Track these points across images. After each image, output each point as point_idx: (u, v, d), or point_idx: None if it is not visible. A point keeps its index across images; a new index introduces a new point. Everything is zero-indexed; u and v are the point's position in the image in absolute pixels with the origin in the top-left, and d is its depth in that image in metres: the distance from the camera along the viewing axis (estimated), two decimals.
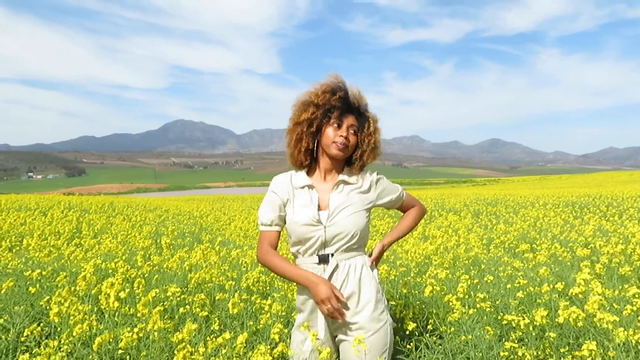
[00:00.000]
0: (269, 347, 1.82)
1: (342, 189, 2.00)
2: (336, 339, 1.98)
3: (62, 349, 1.99)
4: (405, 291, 3.29)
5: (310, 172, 2.09)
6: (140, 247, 4.92)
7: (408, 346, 2.47)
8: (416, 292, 3.49)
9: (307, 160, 2.06)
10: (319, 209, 1.99)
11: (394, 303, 2.80)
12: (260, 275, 3.74)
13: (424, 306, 3.15)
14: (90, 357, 1.99)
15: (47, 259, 3.66)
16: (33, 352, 2.03)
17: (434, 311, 2.92)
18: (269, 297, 3.39)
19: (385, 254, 2.63)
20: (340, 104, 1.95)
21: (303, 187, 2.02)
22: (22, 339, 2.26)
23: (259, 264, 2.96)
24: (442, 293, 3.13)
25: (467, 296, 3.01)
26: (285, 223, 2.05)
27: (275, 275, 3.98)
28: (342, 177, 2.00)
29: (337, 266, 1.93)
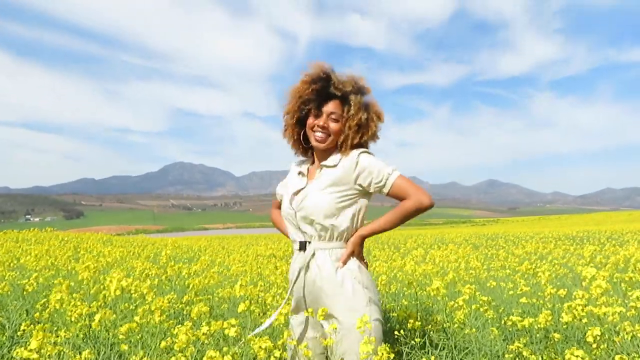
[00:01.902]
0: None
1: (322, 173, 1.96)
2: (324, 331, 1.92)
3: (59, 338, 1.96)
4: (412, 290, 3.25)
5: (312, 160, 2.13)
6: (139, 268, 4.87)
7: (412, 342, 2.42)
8: (421, 291, 3.44)
9: (300, 150, 2.12)
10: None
11: (394, 305, 2.78)
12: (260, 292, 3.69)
13: (429, 305, 3.11)
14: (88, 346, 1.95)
15: (45, 271, 3.62)
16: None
17: (438, 308, 2.88)
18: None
19: (384, 272, 2.56)
20: (317, 95, 1.93)
21: (299, 174, 2.08)
22: (19, 333, 2.22)
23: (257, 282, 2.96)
24: (447, 298, 3.10)
25: (471, 298, 2.97)
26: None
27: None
28: (324, 162, 1.98)
29: (313, 254, 1.90)
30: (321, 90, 1.92)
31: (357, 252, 1.94)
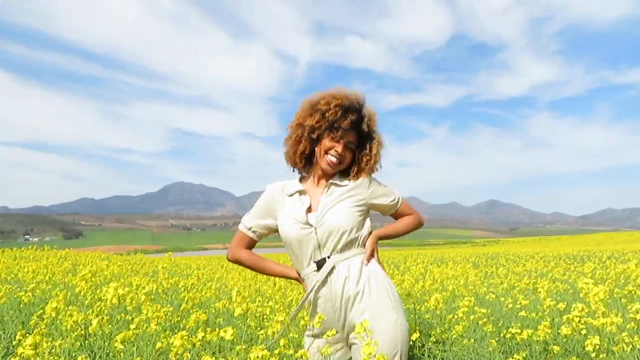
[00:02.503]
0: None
1: (332, 191, 1.96)
2: (349, 342, 1.88)
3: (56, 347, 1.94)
4: (410, 303, 3.22)
5: (304, 178, 2.09)
6: (136, 283, 4.84)
7: (410, 353, 2.40)
8: (420, 306, 3.42)
9: (301, 163, 2.05)
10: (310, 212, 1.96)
11: None
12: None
13: (428, 319, 3.08)
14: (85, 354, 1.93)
15: (42, 284, 3.61)
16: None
17: (437, 322, 2.86)
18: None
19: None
20: (348, 126, 1.92)
21: (293, 194, 2.01)
22: (14, 343, 2.21)
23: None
24: (445, 312, 3.08)
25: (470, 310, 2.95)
26: (267, 232, 2.07)
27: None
28: (332, 180, 1.98)
29: (333, 268, 1.86)
30: (355, 122, 1.93)
31: (376, 252, 1.99)
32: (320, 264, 1.88)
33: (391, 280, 1.94)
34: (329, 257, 1.88)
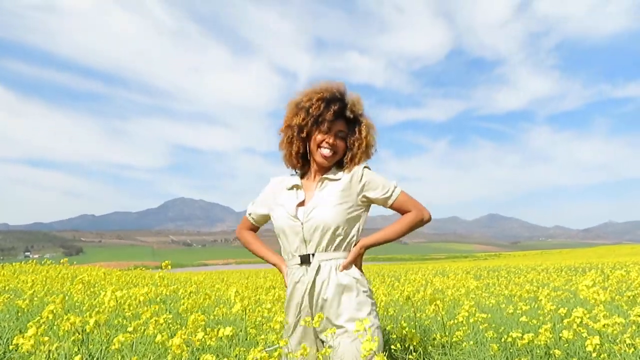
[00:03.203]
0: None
1: (325, 185, 1.98)
2: (323, 343, 1.89)
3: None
4: (409, 306, 3.20)
5: (305, 174, 2.12)
6: (137, 294, 4.82)
7: (410, 357, 2.38)
8: (420, 314, 3.40)
9: (300, 163, 2.09)
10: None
11: (393, 326, 2.74)
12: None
13: (428, 324, 3.06)
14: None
15: (40, 293, 3.59)
16: None
17: (438, 327, 2.84)
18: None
19: (383, 294, 2.50)
20: (332, 117, 1.94)
21: (291, 188, 2.05)
22: (11, 347, 2.19)
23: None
24: (446, 318, 3.06)
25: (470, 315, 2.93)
26: (263, 220, 2.16)
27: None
28: (327, 174, 2.00)
29: (319, 267, 1.88)
30: (338, 111, 1.95)
31: (359, 262, 1.97)
32: (304, 259, 1.90)
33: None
34: (313, 255, 1.89)
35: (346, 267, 1.89)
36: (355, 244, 1.95)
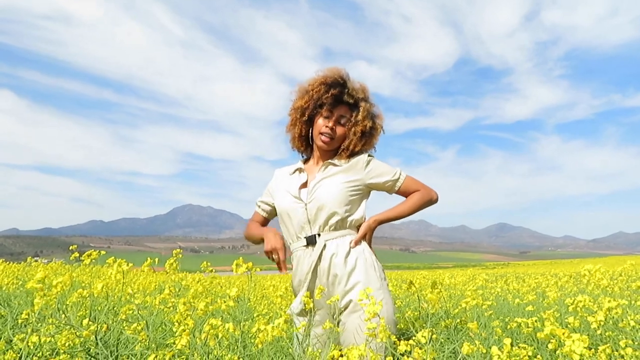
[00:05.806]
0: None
1: (328, 169, 2.01)
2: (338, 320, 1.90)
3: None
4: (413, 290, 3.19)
5: (308, 160, 2.16)
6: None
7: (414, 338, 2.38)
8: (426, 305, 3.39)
9: (303, 146, 2.14)
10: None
11: (399, 316, 2.74)
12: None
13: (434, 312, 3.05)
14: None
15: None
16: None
17: (442, 316, 2.84)
18: None
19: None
20: (332, 100, 1.98)
21: (294, 173, 2.09)
22: (20, 321, 2.22)
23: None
24: (452, 307, 3.06)
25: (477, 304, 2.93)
26: (270, 209, 2.16)
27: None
28: (330, 160, 2.03)
29: (325, 246, 1.88)
30: (338, 95, 1.99)
31: (369, 237, 1.97)
32: (310, 240, 1.91)
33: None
34: (319, 235, 1.90)
35: (358, 242, 1.90)
36: (358, 223, 1.97)
